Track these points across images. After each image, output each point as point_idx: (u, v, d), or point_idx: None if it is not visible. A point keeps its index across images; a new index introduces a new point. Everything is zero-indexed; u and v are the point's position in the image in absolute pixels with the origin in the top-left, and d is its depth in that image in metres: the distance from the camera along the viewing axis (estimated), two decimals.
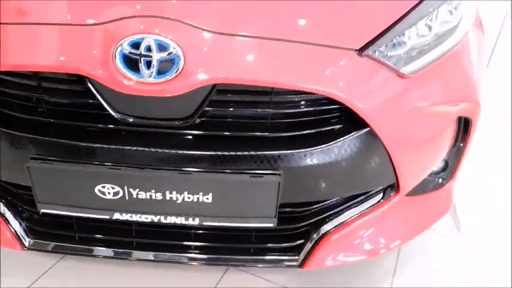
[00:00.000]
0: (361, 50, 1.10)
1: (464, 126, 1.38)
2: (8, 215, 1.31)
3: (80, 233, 1.33)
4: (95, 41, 1.04)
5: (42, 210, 1.22)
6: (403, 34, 1.15)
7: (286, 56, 1.07)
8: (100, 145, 1.12)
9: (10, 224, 1.31)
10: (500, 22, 2.02)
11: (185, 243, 1.33)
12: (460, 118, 1.35)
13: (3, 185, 1.31)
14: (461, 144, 1.42)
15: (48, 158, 1.13)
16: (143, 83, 1.03)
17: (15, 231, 1.31)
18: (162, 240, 1.33)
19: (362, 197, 1.32)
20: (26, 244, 1.33)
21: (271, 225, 1.22)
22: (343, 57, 1.09)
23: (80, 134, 1.13)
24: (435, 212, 1.55)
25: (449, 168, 1.50)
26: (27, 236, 1.33)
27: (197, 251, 1.33)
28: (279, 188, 1.14)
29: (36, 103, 1.16)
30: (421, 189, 1.44)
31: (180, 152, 1.11)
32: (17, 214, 1.32)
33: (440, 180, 1.50)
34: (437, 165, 1.47)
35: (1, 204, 1.31)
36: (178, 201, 1.16)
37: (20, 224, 1.32)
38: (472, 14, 1.36)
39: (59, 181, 1.16)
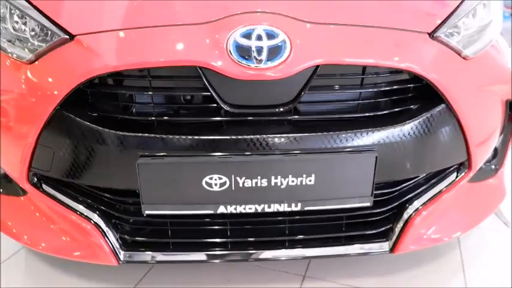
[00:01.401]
0: (432, 34, 1.27)
1: (510, 108, 1.54)
2: (104, 226, 1.30)
3: (174, 239, 1.33)
4: (211, 35, 1.15)
5: (147, 212, 1.23)
6: (458, 24, 1.33)
7: (375, 39, 1.22)
8: (208, 136, 1.18)
9: (106, 236, 1.30)
10: None
11: (279, 238, 1.35)
12: (506, 101, 1.51)
13: (99, 195, 1.32)
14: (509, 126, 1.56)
15: (158, 154, 1.18)
16: (256, 68, 1.14)
17: (111, 244, 1.30)
18: (256, 238, 1.35)
19: (439, 176, 1.41)
20: (121, 257, 1.31)
21: (368, 204, 1.27)
22: (419, 39, 1.25)
23: (188, 128, 1.20)
24: (493, 199, 1.64)
25: (498, 155, 1.63)
26: (121, 248, 1.32)
27: (292, 246, 1.35)
28: (376, 162, 1.22)
29: (143, 103, 1.23)
30: (479, 176, 1.54)
31: (284, 135, 1.19)
32: (110, 225, 1.32)
33: (493, 166, 1.62)
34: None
35: (95, 215, 1.31)
36: (282, 186, 1.21)
37: (115, 236, 1.32)
38: (499, 18, 1.58)
39: (167, 177, 1.20)
